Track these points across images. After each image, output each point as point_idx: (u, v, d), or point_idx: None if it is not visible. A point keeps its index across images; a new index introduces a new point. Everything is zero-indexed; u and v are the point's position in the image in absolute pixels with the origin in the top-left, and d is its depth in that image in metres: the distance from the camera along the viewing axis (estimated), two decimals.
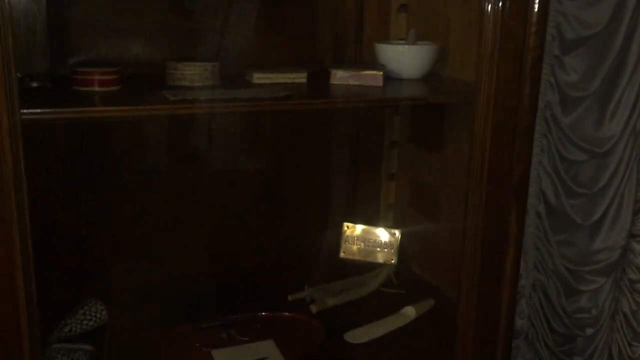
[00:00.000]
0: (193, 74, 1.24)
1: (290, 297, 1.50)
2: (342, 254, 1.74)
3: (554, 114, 1.53)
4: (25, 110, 0.91)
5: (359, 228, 1.74)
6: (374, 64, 1.45)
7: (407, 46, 1.47)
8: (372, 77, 1.34)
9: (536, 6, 1.15)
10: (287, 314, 1.43)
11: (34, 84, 1.10)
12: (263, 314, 1.43)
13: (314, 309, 1.45)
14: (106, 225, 1.50)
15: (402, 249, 1.71)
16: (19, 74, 1.02)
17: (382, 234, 1.73)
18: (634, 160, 1.39)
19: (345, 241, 1.74)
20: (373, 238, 1.73)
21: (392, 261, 1.70)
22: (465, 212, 1.26)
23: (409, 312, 1.47)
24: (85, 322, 1.33)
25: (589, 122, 1.47)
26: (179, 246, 1.57)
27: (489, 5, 1.12)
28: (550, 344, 1.66)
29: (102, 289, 1.43)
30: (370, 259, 1.72)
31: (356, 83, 1.35)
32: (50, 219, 1.42)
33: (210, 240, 1.60)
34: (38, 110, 0.94)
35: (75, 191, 1.45)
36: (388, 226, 1.75)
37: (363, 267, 1.68)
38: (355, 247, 1.74)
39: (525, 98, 1.20)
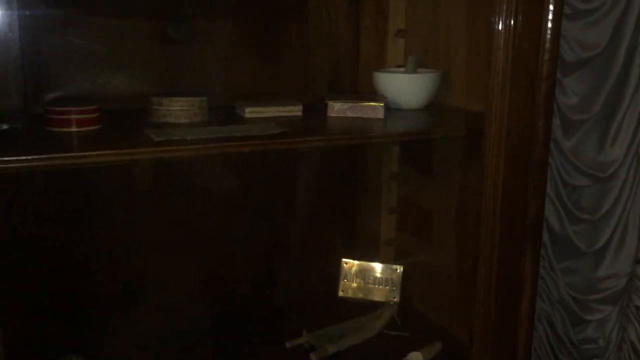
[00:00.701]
0: (179, 110, 1.15)
1: (288, 345, 1.40)
2: (340, 293, 1.65)
3: (555, 138, 1.48)
4: None
5: (357, 264, 1.65)
6: (374, 95, 1.37)
7: (407, 75, 1.39)
8: (372, 109, 1.25)
9: (549, 32, 1.07)
10: None
11: (4, 126, 1.00)
12: None
13: (314, 358, 1.34)
14: (96, 264, 1.40)
15: (405, 285, 1.62)
16: None
17: (384, 270, 1.64)
18: (638, 184, 1.34)
19: (344, 278, 1.65)
20: (373, 275, 1.64)
21: (395, 299, 1.61)
22: (477, 252, 1.17)
23: (416, 358, 1.37)
24: None
25: (590, 146, 1.43)
26: (169, 293, 1.47)
27: (500, 29, 1.05)
28: None
29: (87, 342, 1.33)
30: (370, 297, 1.63)
31: (355, 115, 1.26)
32: (29, 264, 1.32)
33: (204, 280, 1.51)
34: (6, 159, 0.84)
35: (59, 229, 1.35)
36: (389, 262, 1.66)
37: (363, 307, 1.58)
38: (354, 285, 1.65)
39: (539, 130, 1.12)
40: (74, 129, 1.05)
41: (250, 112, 1.23)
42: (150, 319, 1.45)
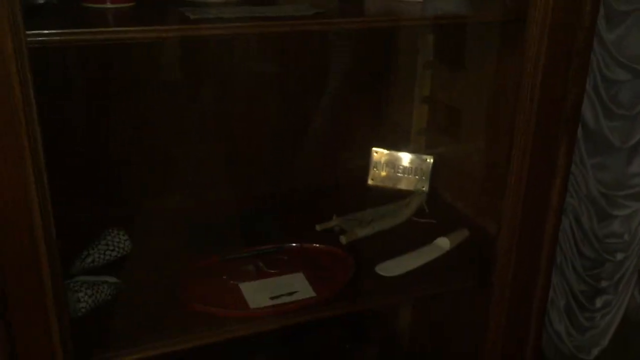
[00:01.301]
0: None
1: (318, 227, 1.44)
2: (370, 181, 1.67)
3: (597, 30, 1.42)
4: (31, 32, 0.81)
5: (388, 153, 1.66)
6: None
7: None
8: None
9: None
10: (316, 245, 1.38)
11: (40, 1, 0.99)
12: (292, 245, 1.37)
13: (343, 240, 1.39)
14: (129, 150, 1.43)
15: (434, 175, 1.64)
16: None
17: (413, 160, 1.65)
18: None
19: (374, 167, 1.67)
20: (403, 164, 1.66)
21: (424, 189, 1.63)
22: (510, 140, 1.17)
23: (443, 243, 1.41)
24: (108, 252, 1.29)
25: (634, 38, 1.39)
26: (203, 174, 1.51)
27: None
28: (579, 268, 1.66)
29: (125, 218, 1.38)
30: (399, 186, 1.66)
31: None
32: (69, 144, 1.35)
33: (234, 166, 1.54)
34: (45, 32, 0.84)
35: (94, 113, 1.37)
36: (419, 152, 1.66)
37: (392, 195, 1.61)
38: (383, 174, 1.67)
39: (586, 15, 1.07)
40: (109, 5, 1.03)
41: None
42: (180, 203, 1.50)
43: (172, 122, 1.44)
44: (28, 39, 0.81)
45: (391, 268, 1.32)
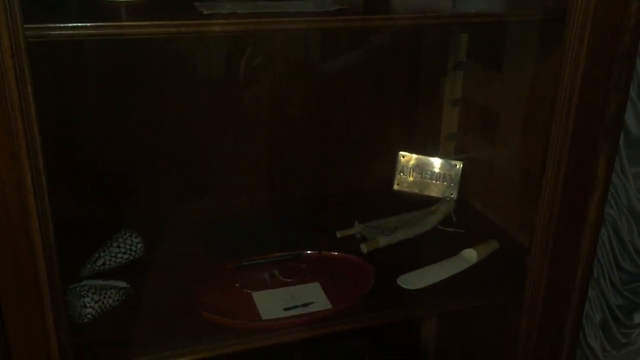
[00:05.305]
0: None
1: (338, 234, 1.38)
2: (395, 186, 1.61)
3: None
4: (30, 26, 0.77)
5: (415, 158, 1.59)
6: None
7: None
8: None
9: None
10: (335, 253, 1.31)
11: None
12: (309, 252, 1.31)
13: (364, 248, 1.32)
14: (145, 150, 1.39)
15: (463, 182, 1.56)
16: None
17: (442, 166, 1.58)
18: None
19: (400, 172, 1.60)
20: (431, 169, 1.59)
21: (452, 196, 1.56)
22: (546, 149, 1.09)
23: (470, 255, 1.33)
24: (120, 255, 1.25)
25: None
26: (223, 178, 1.47)
27: None
28: (616, 281, 1.60)
29: (143, 220, 1.36)
30: (426, 193, 1.58)
31: None
32: (88, 143, 1.33)
33: (255, 169, 1.49)
34: (45, 26, 0.79)
35: (112, 110, 1.34)
36: (448, 157, 1.59)
37: (418, 202, 1.54)
38: (410, 179, 1.60)
39: (631, 15, 0.98)
40: None
41: None
42: (199, 206, 1.46)
43: (193, 123, 1.40)
44: (27, 32, 0.76)
45: (413, 280, 1.25)
